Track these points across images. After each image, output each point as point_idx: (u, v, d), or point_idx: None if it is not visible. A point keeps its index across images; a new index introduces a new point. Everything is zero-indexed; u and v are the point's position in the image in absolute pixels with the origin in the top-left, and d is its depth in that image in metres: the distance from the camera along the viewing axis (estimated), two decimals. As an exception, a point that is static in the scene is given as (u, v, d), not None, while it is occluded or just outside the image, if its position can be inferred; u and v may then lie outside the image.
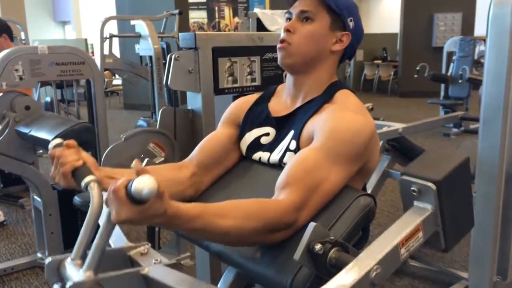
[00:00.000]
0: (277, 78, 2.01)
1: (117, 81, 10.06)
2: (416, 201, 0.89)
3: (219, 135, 1.33)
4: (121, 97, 9.97)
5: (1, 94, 2.56)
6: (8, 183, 3.91)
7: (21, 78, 2.47)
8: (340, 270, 0.81)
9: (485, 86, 1.55)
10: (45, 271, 0.85)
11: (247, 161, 1.29)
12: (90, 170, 0.97)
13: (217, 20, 8.33)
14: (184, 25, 7.35)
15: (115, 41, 5.21)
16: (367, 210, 1.04)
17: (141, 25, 4.49)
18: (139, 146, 1.92)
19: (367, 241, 1.11)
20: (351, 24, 1.21)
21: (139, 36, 4.58)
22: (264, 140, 1.26)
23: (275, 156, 1.20)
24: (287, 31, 1.19)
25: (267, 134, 1.26)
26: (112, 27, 6.29)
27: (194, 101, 1.93)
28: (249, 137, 1.28)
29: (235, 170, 1.30)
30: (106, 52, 4.84)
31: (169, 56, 1.81)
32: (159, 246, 2.60)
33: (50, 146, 1.02)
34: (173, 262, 0.92)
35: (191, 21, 8.15)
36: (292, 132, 1.18)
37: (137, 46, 4.81)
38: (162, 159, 1.94)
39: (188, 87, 1.86)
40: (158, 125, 1.97)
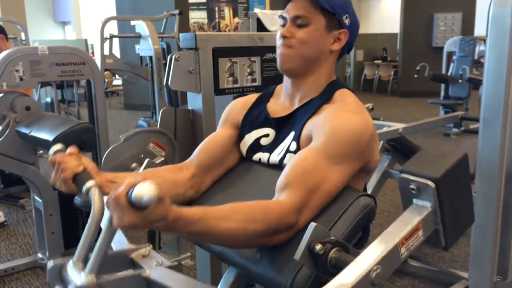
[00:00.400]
0: (277, 78, 2.00)
1: (118, 81, 10.06)
2: (415, 199, 0.89)
3: (219, 136, 1.33)
4: (121, 97, 9.97)
5: (1, 94, 2.56)
6: (9, 183, 3.91)
7: (21, 79, 2.47)
8: (340, 270, 0.81)
9: (485, 86, 1.55)
10: (47, 274, 0.86)
11: (247, 162, 1.29)
12: (90, 175, 0.98)
13: (217, 20, 8.33)
14: (184, 26, 7.35)
15: (115, 41, 5.21)
16: (367, 210, 1.04)
17: (141, 26, 4.49)
18: (139, 146, 1.92)
19: (367, 241, 1.11)
20: (347, 21, 1.20)
21: (139, 36, 4.58)
22: (263, 141, 1.26)
23: (274, 157, 1.20)
24: (283, 37, 1.18)
25: (266, 135, 1.26)
26: (112, 28, 6.30)
27: (195, 102, 1.94)
28: (249, 138, 1.28)
29: (235, 170, 1.30)
30: (106, 52, 4.84)
31: (169, 57, 1.81)
32: (159, 247, 2.61)
33: (50, 152, 1.03)
34: (175, 264, 0.92)
35: (191, 21, 8.15)
36: (292, 134, 1.18)
37: (137, 47, 4.82)
38: (162, 158, 1.94)
39: (189, 87, 1.86)
40: (159, 125, 1.97)
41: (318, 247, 0.85)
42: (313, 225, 0.87)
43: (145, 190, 0.77)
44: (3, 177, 3.86)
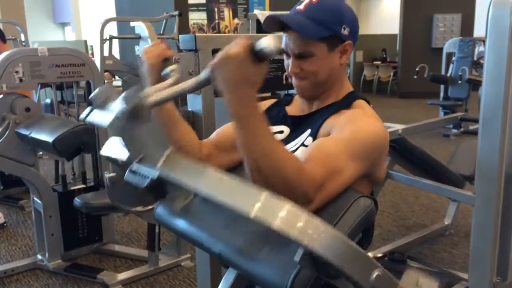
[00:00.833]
0: (277, 80, 2.02)
1: (117, 82, 10.05)
2: None
3: (230, 125, 1.36)
4: (121, 98, 9.95)
5: (1, 96, 2.56)
6: (8, 184, 3.91)
7: (21, 80, 2.48)
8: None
9: (485, 87, 1.56)
10: (96, 92, 0.88)
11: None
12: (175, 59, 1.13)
13: (216, 21, 8.34)
14: (184, 27, 7.35)
15: (115, 42, 5.21)
16: (367, 212, 1.04)
17: (141, 27, 4.48)
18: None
19: (370, 243, 1.12)
20: (346, 31, 1.18)
21: (139, 37, 4.57)
22: (277, 137, 1.27)
23: None
24: (294, 74, 1.20)
25: (281, 132, 1.28)
26: (112, 29, 6.30)
27: (195, 103, 1.93)
28: None
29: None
30: (106, 53, 4.84)
31: (169, 58, 1.81)
32: (159, 248, 2.61)
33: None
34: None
35: (191, 22, 8.15)
36: (308, 131, 1.20)
37: (137, 48, 4.81)
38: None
39: (188, 89, 1.86)
40: (158, 126, 1.97)
41: (318, 248, 0.85)
42: (312, 226, 0.87)
43: (273, 41, 0.85)
44: (3, 178, 3.87)
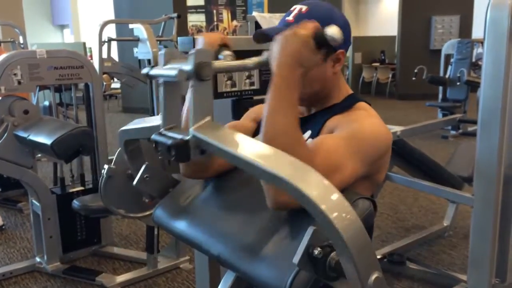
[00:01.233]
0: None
1: (116, 84, 10.05)
2: None
3: (239, 123, 1.38)
4: (119, 100, 9.97)
5: (-1, 98, 2.56)
6: (7, 187, 3.90)
7: (19, 82, 2.47)
8: (340, 274, 0.81)
9: (483, 88, 1.56)
10: (162, 53, 0.98)
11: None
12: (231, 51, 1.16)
13: (215, 23, 8.34)
14: (183, 29, 7.36)
15: (114, 44, 5.22)
16: (366, 214, 1.03)
17: (139, 29, 4.49)
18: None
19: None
20: None
21: (137, 39, 4.58)
22: None
23: None
24: None
25: None
26: (111, 31, 6.30)
27: (193, 104, 1.93)
28: None
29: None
30: (105, 55, 4.84)
31: (167, 60, 1.81)
32: (158, 250, 2.60)
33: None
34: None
35: (190, 24, 8.16)
36: (309, 132, 1.20)
37: (135, 50, 4.81)
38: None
39: (187, 90, 1.86)
40: (157, 128, 1.97)
41: (317, 251, 0.85)
42: (311, 228, 0.87)
43: (337, 31, 0.93)
44: (1, 180, 3.86)
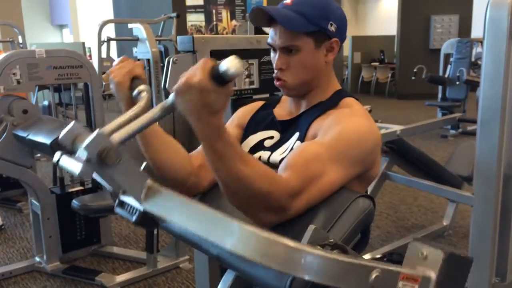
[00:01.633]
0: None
1: (115, 84, 10.04)
2: (421, 266, 0.88)
3: None
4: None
5: (-1, 98, 2.55)
6: (6, 187, 3.90)
7: (19, 82, 2.47)
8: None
9: (483, 88, 1.56)
10: (65, 131, 0.76)
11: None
12: (146, 83, 1.05)
13: (214, 23, 8.34)
14: (182, 28, 7.34)
15: (113, 44, 5.21)
16: (366, 212, 1.04)
17: (138, 28, 4.48)
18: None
19: (367, 245, 1.11)
20: (333, 28, 1.16)
21: (136, 39, 4.57)
22: (267, 143, 1.26)
23: (276, 156, 1.20)
24: (279, 69, 1.19)
25: (271, 138, 1.26)
26: (110, 31, 6.29)
27: (193, 104, 1.93)
28: (253, 139, 1.29)
29: None
30: (104, 55, 4.84)
31: (167, 59, 1.81)
32: (157, 250, 2.60)
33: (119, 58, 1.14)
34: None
35: (189, 24, 8.15)
36: (297, 134, 1.19)
37: (134, 49, 4.80)
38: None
39: (186, 90, 1.86)
40: (156, 128, 1.97)
41: (317, 249, 0.85)
42: (312, 227, 0.87)
43: (234, 63, 0.79)
44: (1, 180, 3.85)
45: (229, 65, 0.79)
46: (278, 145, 1.23)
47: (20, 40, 5.58)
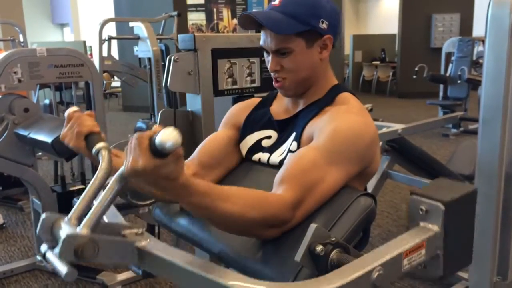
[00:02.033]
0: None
1: (116, 83, 10.05)
2: (423, 222, 0.89)
3: (219, 136, 1.33)
4: (120, 99, 9.96)
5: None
6: (7, 185, 3.90)
7: (19, 81, 2.47)
8: (341, 272, 0.81)
9: (484, 86, 1.55)
10: (39, 227, 0.79)
11: (247, 162, 1.29)
12: (103, 138, 0.99)
13: (215, 21, 8.34)
14: (183, 27, 7.35)
15: (114, 43, 5.21)
16: (368, 211, 1.03)
17: (139, 27, 4.49)
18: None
19: (367, 243, 1.11)
20: (325, 25, 1.15)
21: (137, 38, 4.58)
22: (265, 142, 1.26)
23: (275, 157, 1.20)
24: (274, 71, 1.18)
25: (268, 137, 1.26)
26: (111, 29, 6.29)
27: (194, 103, 1.93)
28: (251, 139, 1.28)
29: (235, 171, 1.30)
30: (105, 54, 4.84)
31: (168, 58, 1.81)
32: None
33: (68, 111, 1.07)
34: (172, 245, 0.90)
35: (190, 23, 8.15)
36: (293, 134, 1.18)
37: (135, 48, 4.81)
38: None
39: (188, 88, 1.86)
40: (158, 127, 1.97)
41: (319, 248, 0.85)
42: (313, 226, 0.87)
43: (169, 135, 0.75)
44: (2, 179, 3.85)
45: (165, 138, 0.75)
46: (276, 146, 1.22)
47: (21, 39, 5.58)
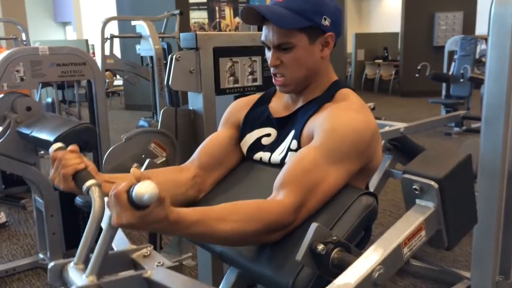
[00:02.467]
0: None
1: (118, 81, 10.07)
2: (418, 199, 0.88)
3: (219, 136, 1.33)
4: (122, 97, 9.97)
5: (2, 95, 2.56)
6: (10, 184, 3.91)
7: (22, 79, 2.48)
8: (342, 271, 0.81)
9: (487, 85, 1.55)
10: (48, 275, 0.86)
11: (248, 161, 1.29)
12: (91, 174, 0.97)
13: (217, 20, 8.33)
14: (185, 26, 7.35)
15: (116, 41, 5.21)
16: (369, 210, 1.03)
17: (142, 26, 4.49)
18: (140, 147, 1.91)
19: (369, 241, 1.11)
20: (327, 23, 1.14)
21: (140, 36, 4.58)
22: (265, 140, 1.26)
23: (276, 156, 1.20)
24: (274, 66, 1.17)
25: (268, 135, 1.26)
26: (113, 28, 6.29)
27: (196, 102, 1.93)
28: (250, 138, 1.28)
29: (237, 171, 1.30)
30: (107, 52, 4.84)
31: (170, 57, 1.81)
32: (160, 247, 2.60)
33: (51, 149, 1.03)
34: (176, 264, 0.93)
35: (192, 21, 8.15)
36: (293, 132, 1.18)
37: (138, 47, 4.81)
38: (164, 159, 1.93)
39: (189, 87, 1.85)
40: (160, 125, 1.97)
41: (320, 247, 0.85)
42: (314, 225, 0.87)
43: (146, 189, 0.77)
44: (4, 177, 3.87)
45: (142, 192, 0.77)
46: (276, 144, 1.22)
47: (24, 38, 5.58)
